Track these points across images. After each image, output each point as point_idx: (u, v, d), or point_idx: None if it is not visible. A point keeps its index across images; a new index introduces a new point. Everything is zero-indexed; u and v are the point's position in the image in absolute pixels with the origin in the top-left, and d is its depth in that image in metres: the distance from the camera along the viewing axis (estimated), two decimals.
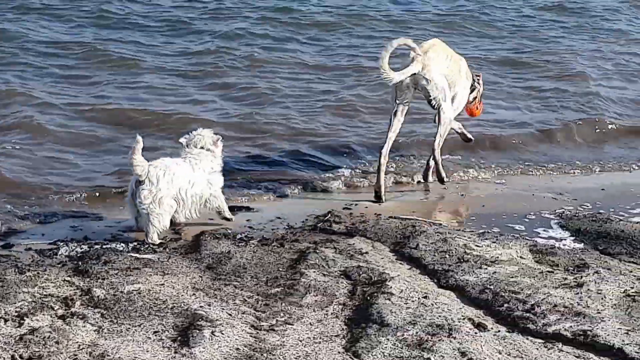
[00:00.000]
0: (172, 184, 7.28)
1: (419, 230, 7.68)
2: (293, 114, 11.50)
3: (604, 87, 13.60)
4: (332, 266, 6.80)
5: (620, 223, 8.23)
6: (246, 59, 13.81)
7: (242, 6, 17.66)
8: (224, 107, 11.64)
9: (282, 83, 12.82)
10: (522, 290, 6.43)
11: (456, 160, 10.27)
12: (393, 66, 8.55)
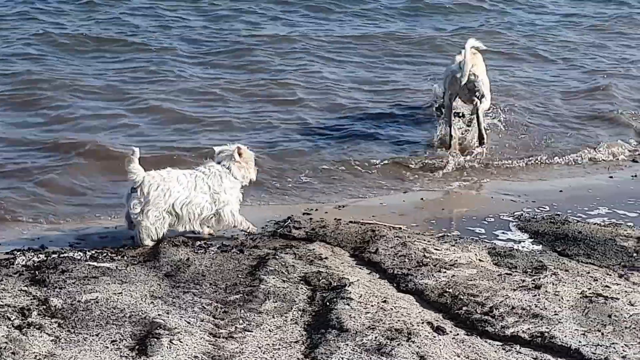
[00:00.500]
0: (164, 199, 7.25)
1: (379, 234, 7.69)
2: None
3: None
4: (292, 272, 6.79)
5: (578, 224, 8.28)
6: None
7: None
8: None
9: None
10: (480, 293, 6.46)
11: (417, 163, 10.26)
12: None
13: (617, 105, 12.71)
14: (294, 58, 14.36)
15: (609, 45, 16.34)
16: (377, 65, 14.33)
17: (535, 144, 11.09)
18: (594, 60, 15.30)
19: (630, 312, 6.21)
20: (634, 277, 7.05)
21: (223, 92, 12.45)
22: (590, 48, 16.09)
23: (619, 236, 7.89)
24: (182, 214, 7.38)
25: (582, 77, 14.22)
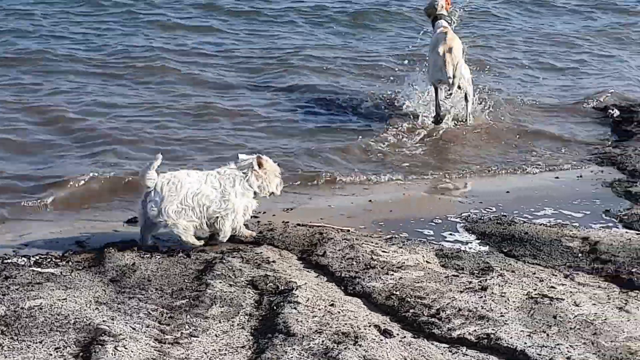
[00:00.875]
0: (176, 192, 7.20)
1: (327, 237, 7.68)
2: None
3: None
4: (239, 276, 6.75)
5: (524, 225, 8.33)
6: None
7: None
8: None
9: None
10: (427, 295, 6.47)
11: (364, 165, 10.30)
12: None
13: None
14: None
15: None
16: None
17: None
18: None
19: (575, 312, 6.26)
20: (579, 277, 7.12)
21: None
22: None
23: (565, 237, 7.96)
24: (194, 204, 7.27)
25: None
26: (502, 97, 13.10)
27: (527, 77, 14.71)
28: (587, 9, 20.01)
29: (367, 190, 9.59)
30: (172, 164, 8.72)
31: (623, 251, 7.52)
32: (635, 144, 11.19)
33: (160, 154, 7.24)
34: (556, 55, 16.15)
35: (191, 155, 10.18)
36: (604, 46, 17.03)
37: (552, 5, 20.13)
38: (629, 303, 6.50)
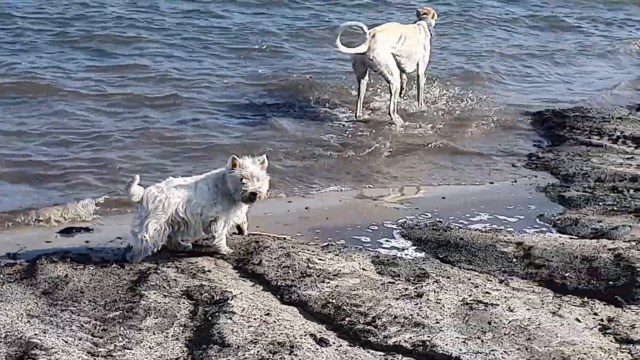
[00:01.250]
0: (163, 209, 7.10)
1: (263, 245, 7.63)
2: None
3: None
4: (174, 286, 6.69)
5: (460, 231, 8.37)
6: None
7: None
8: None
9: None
10: (363, 303, 6.47)
11: (301, 172, 10.28)
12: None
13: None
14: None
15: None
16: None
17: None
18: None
19: (510, 318, 6.30)
20: (513, 282, 7.17)
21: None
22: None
23: (499, 242, 8.00)
24: (188, 217, 7.19)
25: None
26: (441, 104, 13.21)
27: (466, 83, 14.83)
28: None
29: (304, 197, 9.57)
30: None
31: (556, 256, 7.58)
32: (567, 149, 11.33)
33: (137, 175, 7.14)
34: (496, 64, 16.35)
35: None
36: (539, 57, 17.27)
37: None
38: (562, 308, 6.56)
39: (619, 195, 9.32)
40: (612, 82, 15.52)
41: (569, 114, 12.76)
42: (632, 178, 9.87)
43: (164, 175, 7.79)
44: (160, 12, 18.14)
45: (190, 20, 17.66)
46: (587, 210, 9.04)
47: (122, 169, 9.90)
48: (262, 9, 19.11)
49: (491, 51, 16.73)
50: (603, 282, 7.08)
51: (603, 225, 8.49)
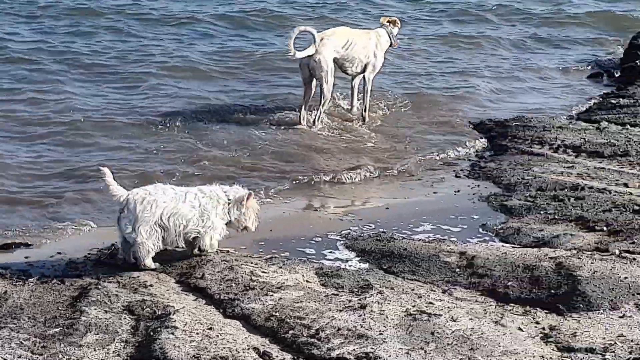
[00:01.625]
0: (151, 211, 7.21)
1: (205, 259, 7.57)
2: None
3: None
4: (115, 301, 6.62)
5: (403, 241, 8.37)
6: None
7: None
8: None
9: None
10: (307, 315, 6.45)
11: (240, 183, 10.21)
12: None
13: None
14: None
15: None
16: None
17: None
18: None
19: (452, 328, 6.32)
20: (456, 292, 7.20)
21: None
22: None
23: (443, 252, 8.02)
24: (169, 225, 7.26)
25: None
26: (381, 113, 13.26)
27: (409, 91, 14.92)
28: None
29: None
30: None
31: (499, 265, 7.62)
32: (509, 158, 11.40)
33: (106, 168, 7.30)
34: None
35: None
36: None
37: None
38: (504, 317, 6.60)
39: (560, 203, 9.40)
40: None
41: (510, 124, 12.86)
42: (572, 187, 9.97)
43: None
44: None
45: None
46: (529, 219, 9.11)
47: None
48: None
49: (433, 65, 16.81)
50: (545, 290, 7.13)
51: (544, 234, 8.56)
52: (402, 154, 11.71)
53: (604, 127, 12.49)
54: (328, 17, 19.25)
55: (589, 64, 17.59)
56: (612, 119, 13.07)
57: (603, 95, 15.29)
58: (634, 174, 10.51)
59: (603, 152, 11.36)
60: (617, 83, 16.36)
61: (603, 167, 10.86)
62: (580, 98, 15.36)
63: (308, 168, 10.90)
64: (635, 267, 7.40)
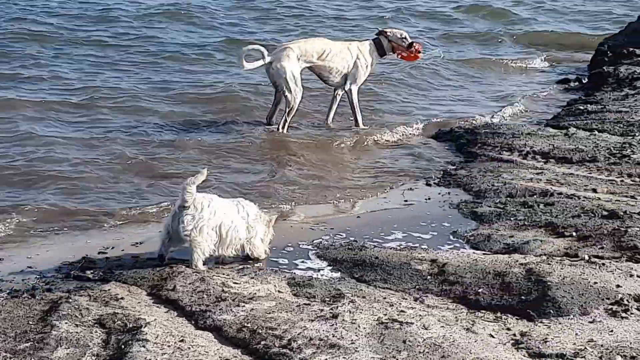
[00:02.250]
0: (213, 217, 7.59)
1: (177, 270, 7.54)
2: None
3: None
4: (86, 315, 6.58)
5: (375, 250, 8.38)
6: None
7: None
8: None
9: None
10: (279, 326, 6.45)
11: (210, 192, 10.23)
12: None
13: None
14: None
15: None
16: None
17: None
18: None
19: (424, 336, 6.34)
20: (428, 299, 7.23)
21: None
22: None
23: (414, 259, 8.04)
24: (227, 237, 7.72)
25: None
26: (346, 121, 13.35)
27: (377, 97, 14.98)
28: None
29: None
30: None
31: (470, 272, 7.65)
32: (479, 165, 11.46)
33: (206, 169, 7.60)
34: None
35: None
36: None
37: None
38: (475, 324, 6.63)
39: (530, 210, 9.45)
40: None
41: (480, 131, 12.94)
42: (542, 193, 10.03)
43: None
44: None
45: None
46: (499, 225, 9.16)
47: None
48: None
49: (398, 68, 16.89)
50: (515, 296, 7.17)
51: (515, 240, 8.61)
52: (372, 163, 11.76)
53: (572, 133, 12.58)
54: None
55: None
56: (580, 125, 13.18)
57: (571, 102, 15.43)
58: (602, 180, 10.60)
59: (571, 158, 11.45)
60: (585, 89, 16.54)
61: (572, 172, 10.95)
62: (549, 104, 15.52)
63: (279, 177, 10.91)
64: (605, 272, 7.46)
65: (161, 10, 20.60)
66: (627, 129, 12.84)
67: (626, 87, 15.75)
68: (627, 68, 16.79)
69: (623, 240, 8.36)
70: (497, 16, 23.29)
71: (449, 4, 24.23)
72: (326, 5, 22.71)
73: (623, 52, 17.69)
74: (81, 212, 9.27)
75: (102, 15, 19.92)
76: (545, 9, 25.07)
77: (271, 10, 21.75)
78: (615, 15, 24.47)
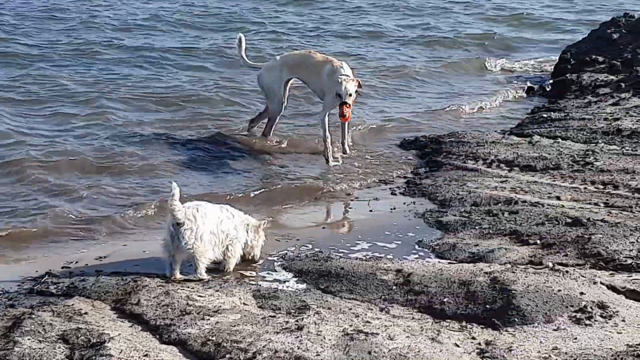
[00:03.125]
0: (206, 219, 7.80)
1: (141, 284, 7.50)
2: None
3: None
4: (49, 331, 6.52)
5: (340, 260, 8.37)
6: None
7: None
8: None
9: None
10: (244, 339, 6.43)
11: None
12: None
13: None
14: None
15: None
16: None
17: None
18: None
19: (390, 346, 6.34)
20: (394, 309, 7.23)
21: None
22: None
23: (379, 269, 8.03)
24: (218, 232, 7.91)
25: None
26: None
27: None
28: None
29: None
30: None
31: (435, 281, 7.66)
32: (444, 174, 11.50)
33: (175, 183, 7.60)
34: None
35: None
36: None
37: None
38: (441, 333, 6.64)
39: (495, 218, 9.49)
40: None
41: (445, 140, 12.99)
42: (506, 201, 10.08)
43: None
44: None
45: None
46: (464, 234, 9.19)
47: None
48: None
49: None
50: (480, 305, 7.18)
51: (480, 249, 8.64)
52: (334, 168, 11.80)
53: (536, 141, 12.66)
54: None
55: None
56: (544, 132, 13.27)
57: (535, 109, 15.54)
58: (566, 187, 10.66)
59: (535, 165, 11.51)
60: (548, 97, 16.67)
61: (536, 180, 11.01)
62: (513, 112, 15.63)
63: (242, 186, 10.90)
64: (569, 279, 7.49)
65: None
66: (590, 136, 12.93)
67: (589, 95, 15.88)
68: (590, 75, 16.93)
69: (587, 247, 8.42)
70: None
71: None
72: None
73: (586, 59, 17.82)
74: (43, 227, 9.17)
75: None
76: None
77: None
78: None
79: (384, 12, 24.79)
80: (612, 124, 13.36)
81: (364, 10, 24.92)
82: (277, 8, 24.19)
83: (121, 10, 22.32)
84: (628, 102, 14.82)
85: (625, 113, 14.06)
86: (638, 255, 8.16)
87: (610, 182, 10.69)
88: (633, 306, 7.11)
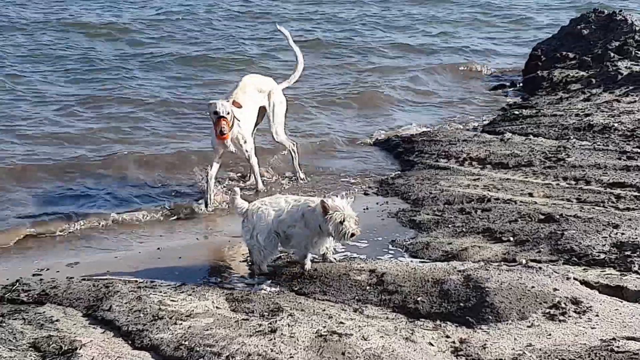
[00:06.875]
0: (265, 220, 7.79)
1: (113, 290, 7.45)
2: None
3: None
4: (20, 339, 6.47)
5: (314, 262, 8.34)
6: None
7: None
8: None
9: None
10: (217, 343, 6.38)
11: (151, 213, 10.14)
12: None
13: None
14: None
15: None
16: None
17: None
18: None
19: (364, 347, 6.31)
20: (367, 310, 7.20)
21: None
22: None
23: (353, 270, 7.99)
24: (277, 228, 7.86)
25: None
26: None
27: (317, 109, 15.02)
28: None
29: (160, 237, 9.42)
30: None
31: (409, 281, 7.63)
32: (417, 173, 11.50)
33: (237, 189, 7.97)
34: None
35: None
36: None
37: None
38: (415, 333, 6.62)
39: (468, 216, 9.50)
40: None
41: (417, 139, 13.01)
42: (479, 199, 10.08)
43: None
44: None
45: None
46: (437, 233, 9.18)
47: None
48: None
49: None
50: (454, 304, 7.16)
51: (453, 247, 8.63)
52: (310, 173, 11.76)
53: (508, 139, 12.69)
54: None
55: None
56: (516, 130, 13.32)
57: (506, 107, 15.59)
58: (538, 184, 10.68)
59: (508, 163, 11.54)
60: (519, 94, 16.73)
61: (508, 178, 11.03)
62: (484, 110, 15.68)
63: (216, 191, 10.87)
64: (542, 275, 7.49)
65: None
66: (561, 132, 12.98)
67: (560, 91, 15.96)
68: (561, 72, 17.01)
69: (560, 243, 8.43)
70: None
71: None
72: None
73: (556, 56, 17.90)
74: (13, 234, 9.11)
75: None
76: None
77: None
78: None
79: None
80: (584, 120, 13.42)
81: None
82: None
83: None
84: (599, 98, 14.89)
85: (597, 108, 14.12)
86: (611, 250, 8.17)
87: (582, 177, 10.71)
88: (606, 301, 7.11)
